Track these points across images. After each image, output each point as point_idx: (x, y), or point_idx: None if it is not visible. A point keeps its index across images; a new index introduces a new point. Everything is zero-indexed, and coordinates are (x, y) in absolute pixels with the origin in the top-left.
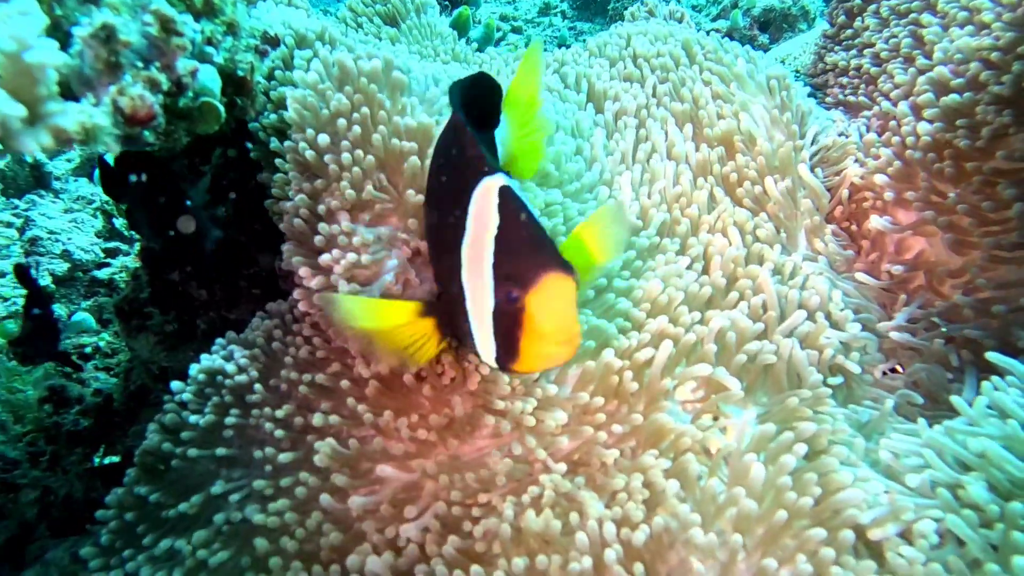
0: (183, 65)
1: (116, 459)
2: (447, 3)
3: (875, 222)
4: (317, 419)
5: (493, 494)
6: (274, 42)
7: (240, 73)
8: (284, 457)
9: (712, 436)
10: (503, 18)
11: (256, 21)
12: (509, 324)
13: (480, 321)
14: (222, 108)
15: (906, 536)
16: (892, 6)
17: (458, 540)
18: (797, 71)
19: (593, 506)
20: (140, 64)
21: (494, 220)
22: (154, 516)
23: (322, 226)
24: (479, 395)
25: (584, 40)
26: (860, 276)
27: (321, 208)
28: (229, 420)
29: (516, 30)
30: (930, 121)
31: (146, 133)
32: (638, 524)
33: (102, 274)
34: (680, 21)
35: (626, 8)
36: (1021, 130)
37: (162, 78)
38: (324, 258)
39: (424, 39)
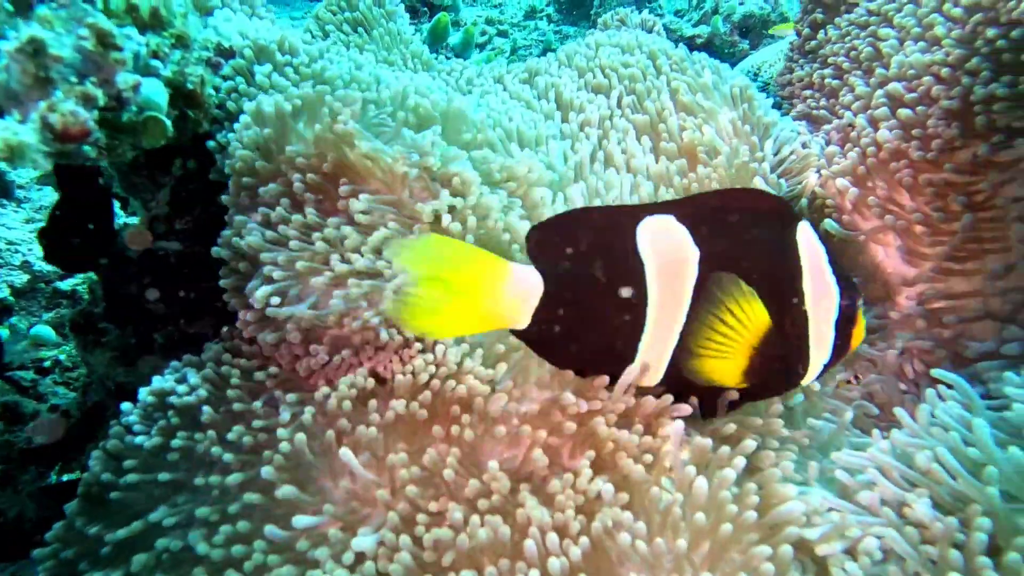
0: (124, 79)
1: (74, 476)
2: (425, 9)
3: (827, 225)
4: (280, 433)
5: (444, 503)
6: (228, 54)
7: (190, 86)
8: (232, 479)
9: (658, 445)
10: (489, 22)
11: (210, 32)
12: (847, 323)
13: (821, 339)
14: (168, 122)
15: (852, 552)
16: (852, 19)
17: (408, 557)
18: (766, 84)
19: (536, 513)
20: (74, 79)
21: (820, 248)
22: (94, 550)
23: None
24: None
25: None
26: None
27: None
28: (175, 443)
29: (502, 34)
30: (889, 129)
31: (85, 148)
32: (579, 534)
33: (64, 285)
34: (651, 30)
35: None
36: (968, 144)
37: (99, 93)
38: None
39: (393, 47)
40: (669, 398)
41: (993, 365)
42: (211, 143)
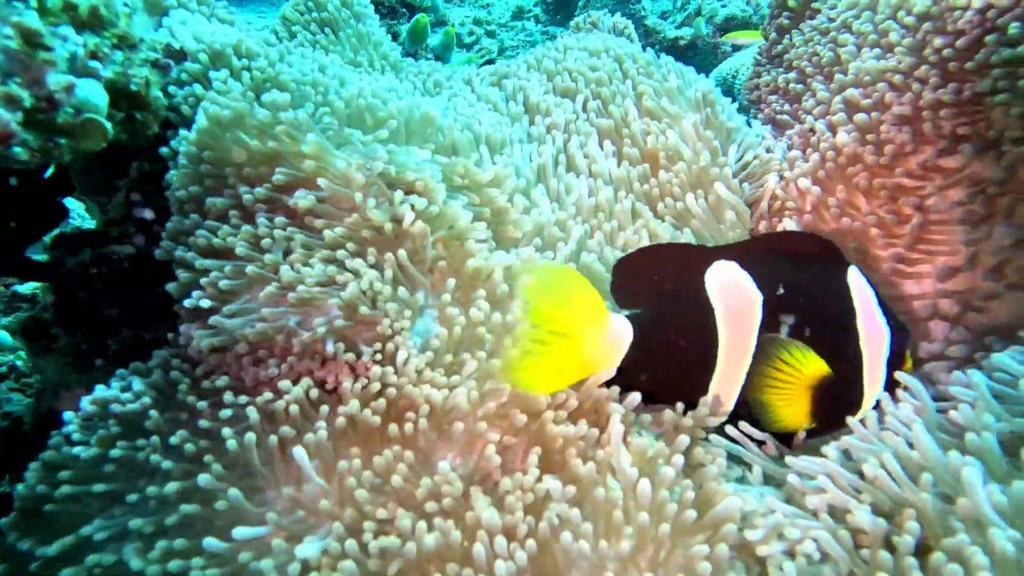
0: (55, 80)
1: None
2: (404, 11)
3: (786, 224)
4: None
5: (393, 509)
6: (179, 55)
7: (134, 88)
8: (171, 488)
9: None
10: (477, 22)
11: (163, 33)
12: (898, 362)
13: (875, 377)
14: (109, 125)
15: (792, 554)
16: (815, 25)
17: (353, 565)
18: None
19: (486, 514)
20: None
21: (870, 291)
22: (25, 567)
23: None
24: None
25: None
26: None
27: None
28: (115, 453)
29: (490, 34)
30: (847, 134)
31: (15, 150)
32: (526, 537)
33: (24, 288)
34: (622, 34)
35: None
36: (918, 149)
37: (24, 94)
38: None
39: (361, 48)
40: (616, 390)
41: (942, 366)
42: (164, 149)
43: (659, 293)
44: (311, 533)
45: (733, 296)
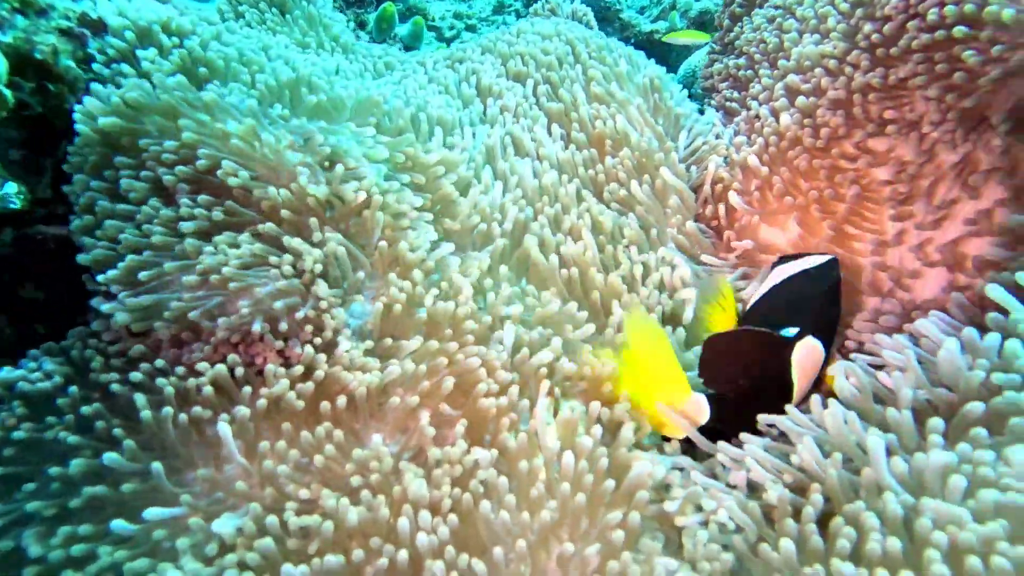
0: None
1: None
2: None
3: (731, 198)
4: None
5: (317, 489)
6: (96, 26)
7: (38, 56)
8: (77, 465)
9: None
10: (457, 16)
11: (83, 3)
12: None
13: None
14: (8, 93)
15: (707, 523)
16: (764, 12)
17: (270, 543)
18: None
19: (414, 487)
20: None
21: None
22: None
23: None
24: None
25: None
26: (706, 258)
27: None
28: (17, 435)
29: (470, 28)
30: (789, 116)
31: None
32: (450, 510)
33: None
34: (581, 21)
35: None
36: (851, 133)
37: None
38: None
39: (311, 29)
40: (544, 366)
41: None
42: (80, 126)
43: (744, 377)
44: (229, 513)
45: (809, 369)
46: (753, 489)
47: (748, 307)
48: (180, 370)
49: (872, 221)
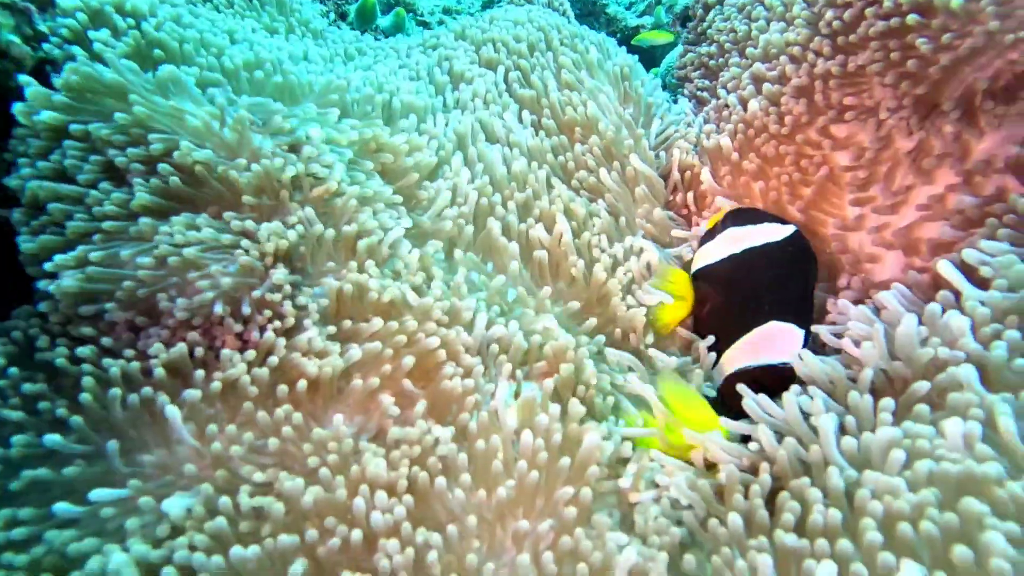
0: None
1: None
2: None
3: (703, 177)
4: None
5: (274, 473)
6: (43, 1)
7: None
8: (18, 446)
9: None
10: (446, 11)
11: None
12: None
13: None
14: None
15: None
16: (734, 1)
17: (223, 523)
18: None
19: (371, 467)
20: None
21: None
22: None
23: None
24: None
25: None
26: (676, 232)
27: None
28: None
29: None
30: (756, 103)
31: None
32: (407, 489)
33: None
34: (557, 9)
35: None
36: (813, 120)
37: None
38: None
39: (280, 14)
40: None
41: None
42: (17, 105)
43: None
44: (181, 492)
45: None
46: (710, 468)
47: (700, 267)
48: (130, 352)
49: (835, 206)
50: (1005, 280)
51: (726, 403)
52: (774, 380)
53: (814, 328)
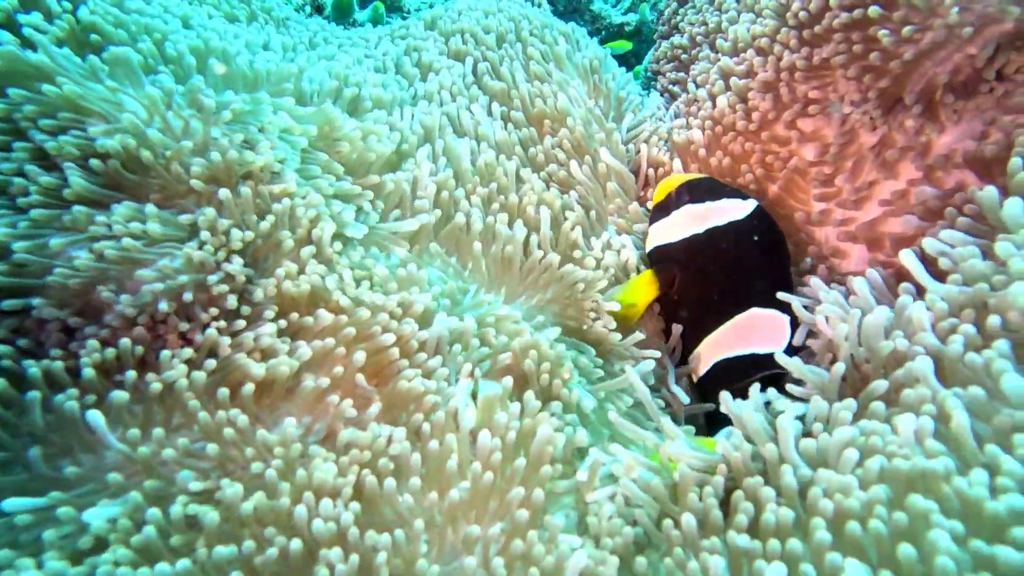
0: None
1: None
2: None
3: (676, 167)
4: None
5: (215, 482)
6: None
7: None
8: None
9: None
10: (432, 7)
11: None
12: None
13: None
14: None
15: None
16: None
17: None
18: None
19: (318, 473)
20: None
21: None
22: None
23: None
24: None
25: None
26: (638, 227)
27: None
28: None
29: None
30: (725, 98)
31: None
32: (355, 495)
33: None
34: (532, 2)
35: None
36: (779, 115)
37: None
38: None
39: (241, 2)
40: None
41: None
42: None
43: None
44: (106, 501)
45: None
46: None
47: (658, 245)
48: (56, 352)
49: (801, 201)
50: (960, 275)
51: (705, 394)
52: (760, 370)
53: (785, 296)
